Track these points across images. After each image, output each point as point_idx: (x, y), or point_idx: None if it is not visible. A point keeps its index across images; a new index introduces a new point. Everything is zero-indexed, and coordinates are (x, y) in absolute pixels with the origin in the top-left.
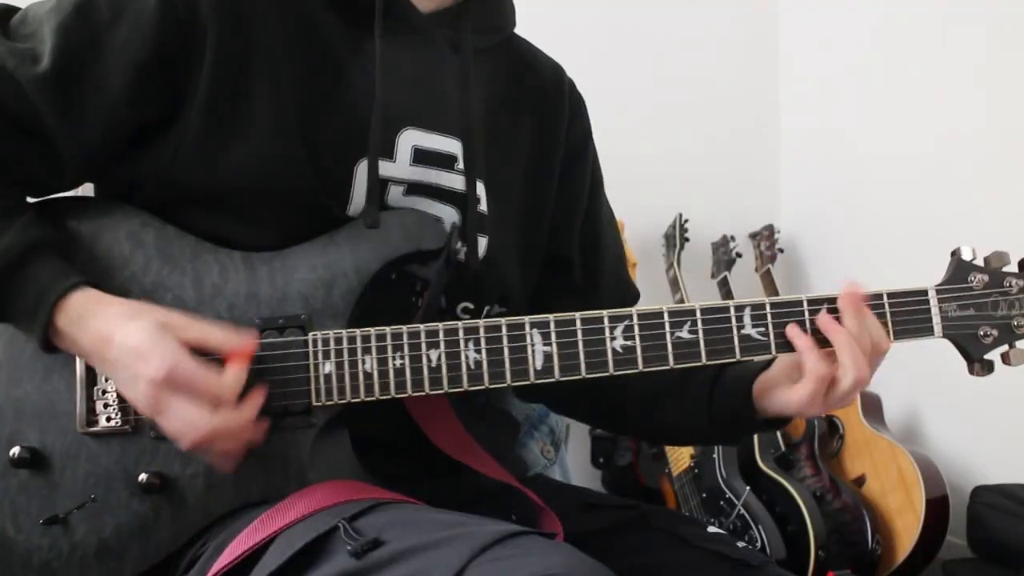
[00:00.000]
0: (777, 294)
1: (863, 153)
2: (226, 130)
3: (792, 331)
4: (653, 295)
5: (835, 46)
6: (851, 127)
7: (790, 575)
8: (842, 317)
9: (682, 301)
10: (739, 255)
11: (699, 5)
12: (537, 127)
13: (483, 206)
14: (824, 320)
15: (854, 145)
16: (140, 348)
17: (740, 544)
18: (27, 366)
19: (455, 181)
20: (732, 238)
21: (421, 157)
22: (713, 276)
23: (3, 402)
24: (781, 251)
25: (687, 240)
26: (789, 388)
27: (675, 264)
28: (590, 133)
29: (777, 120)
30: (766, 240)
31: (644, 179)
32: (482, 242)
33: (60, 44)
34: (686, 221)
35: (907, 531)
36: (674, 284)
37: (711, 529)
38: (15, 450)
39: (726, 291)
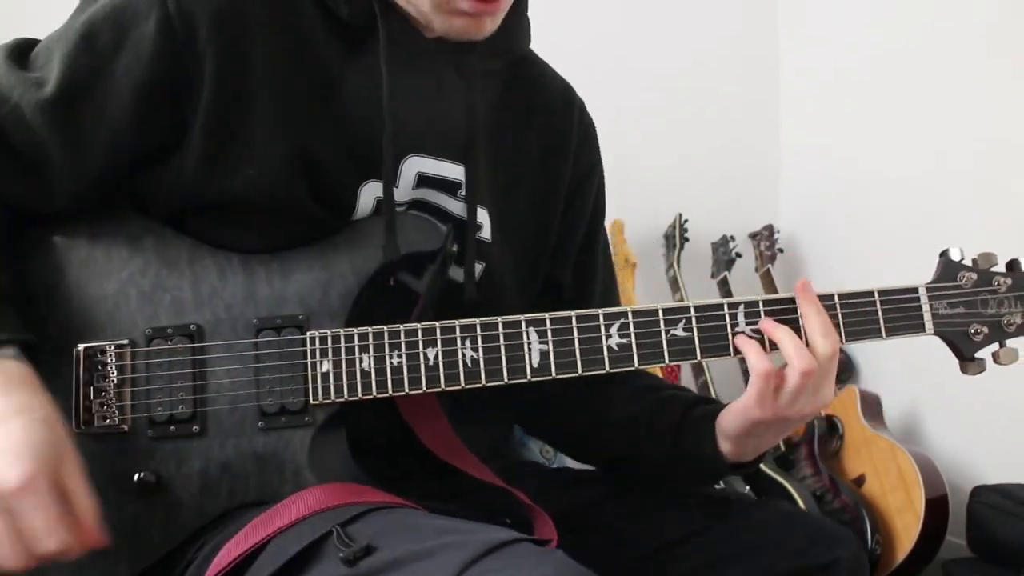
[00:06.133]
0: (777, 294)
1: (863, 153)
2: (227, 153)
3: (739, 339)
4: (653, 295)
5: (835, 48)
6: (851, 128)
7: (767, 500)
8: (801, 312)
9: (682, 301)
10: (739, 255)
11: (701, 7)
12: (545, 151)
13: (486, 233)
14: (765, 323)
15: (854, 145)
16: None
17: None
18: None
19: (457, 207)
20: (732, 238)
21: (425, 183)
22: (713, 276)
23: None
24: (781, 251)
25: (687, 240)
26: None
27: (675, 264)
28: (598, 160)
29: (777, 120)
30: (766, 240)
31: (644, 179)
32: (478, 269)
33: (64, 72)
34: (686, 221)
35: (907, 531)
36: (674, 284)
37: None
38: None
39: (726, 291)
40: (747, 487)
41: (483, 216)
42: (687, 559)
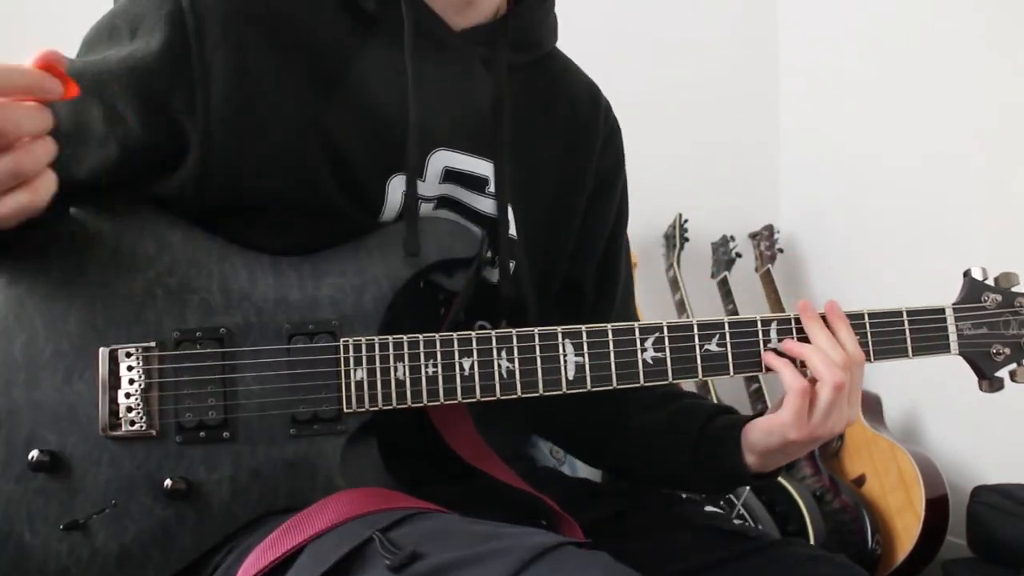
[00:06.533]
0: (777, 294)
1: (863, 153)
2: (251, 151)
3: (768, 357)
4: (653, 295)
5: (835, 46)
6: (851, 127)
7: (783, 538)
8: (807, 331)
9: (682, 301)
10: (739, 255)
11: (700, 5)
12: (568, 150)
13: (512, 230)
14: (788, 343)
15: (854, 145)
16: None
17: (736, 522)
18: (46, 367)
19: (485, 204)
20: (732, 238)
21: (451, 177)
22: (713, 276)
23: (21, 404)
24: (781, 251)
25: (687, 240)
26: (773, 413)
27: (675, 264)
28: (623, 163)
29: (777, 120)
30: (766, 240)
31: (644, 179)
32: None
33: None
34: (686, 221)
35: (907, 531)
36: (674, 284)
37: (707, 508)
38: (34, 453)
39: (726, 291)
40: (747, 487)
41: (508, 213)
42: None
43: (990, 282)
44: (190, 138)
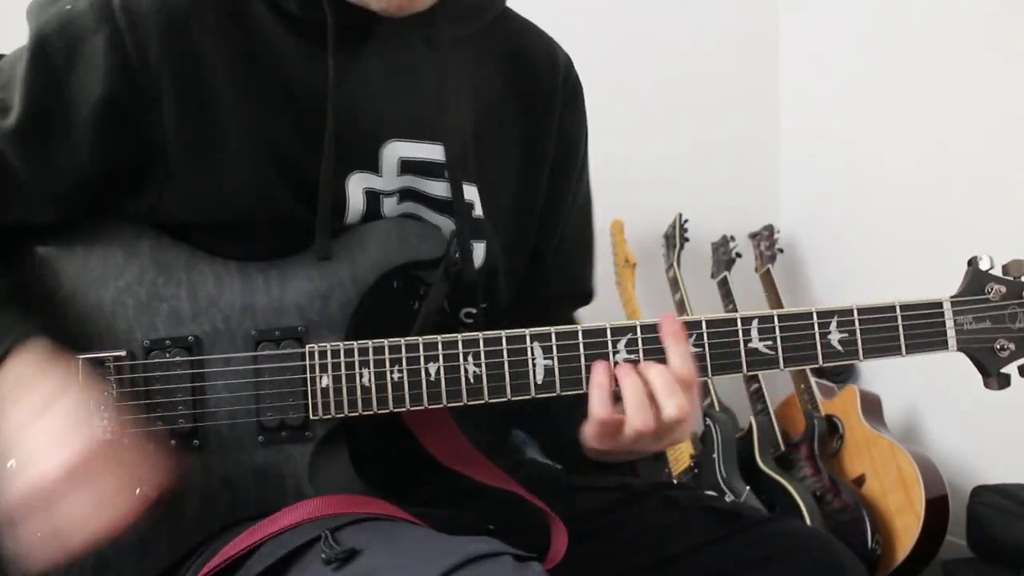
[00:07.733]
0: (777, 294)
1: (863, 153)
2: (206, 168)
3: (596, 367)
4: (653, 295)
5: (835, 46)
6: (851, 127)
7: (774, 515)
8: (666, 349)
9: (682, 301)
10: (739, 255)
11: (700, 5)
12: (528, 117)
13: (478, 211)
14: (621, 368)
15: (854, 145)
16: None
17: (729, 499)
18: None
19: (445, 190)
20: (732, 238)
21: (408, 167)
22: (713, 276)
23: None
24: (781, 251)
25: (687, 240)
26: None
27: (675, 264)
28: (585, 124)
29: (777, 120)
30: (766, 240)
31: (644, 179)
32: (479, 248)
33: (24, 96)
34: (686, 221)
35: (907, 531)
36: (674, 284)
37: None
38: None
39: (726, 291)
40: (747, 487)
41: (472, 193)
42: (695, 568)
43: (996, 271)
44: (146, 162)
